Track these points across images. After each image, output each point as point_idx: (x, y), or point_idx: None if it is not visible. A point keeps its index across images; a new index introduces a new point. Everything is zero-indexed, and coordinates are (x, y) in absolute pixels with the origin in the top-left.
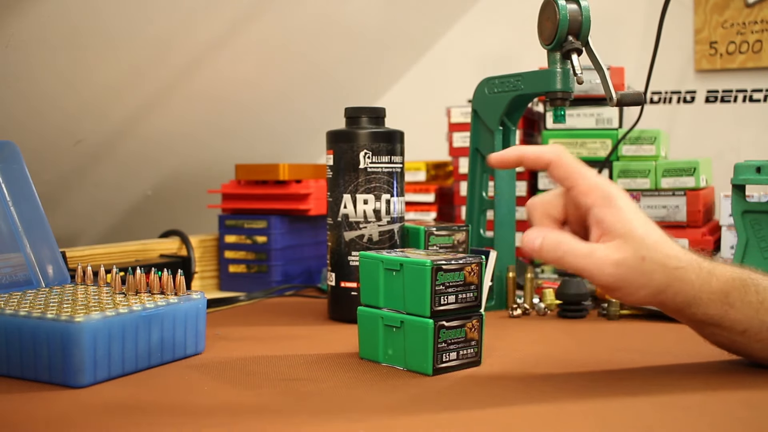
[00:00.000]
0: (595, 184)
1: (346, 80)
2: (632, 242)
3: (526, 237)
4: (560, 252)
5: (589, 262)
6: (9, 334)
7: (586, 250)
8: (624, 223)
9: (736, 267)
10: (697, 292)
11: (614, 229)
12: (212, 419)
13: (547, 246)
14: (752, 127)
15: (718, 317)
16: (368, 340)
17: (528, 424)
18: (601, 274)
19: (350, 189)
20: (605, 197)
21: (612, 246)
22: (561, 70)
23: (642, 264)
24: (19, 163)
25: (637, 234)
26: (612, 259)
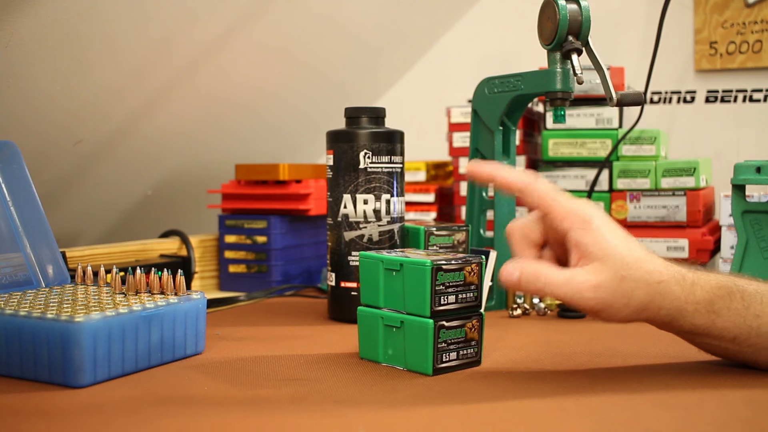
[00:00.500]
0: (570, 209)
1: (346, 80)
2: (610, 263)
3: (504, 271)
4: (540, 283)
5: (568, 290)
6: (9, 334)
7: (564, 278)
8: (601, 245)
9: (720, 275)
10: (682, 304)
11: (592, 252)
12: (212, 419)
13: (525, 278)
14: (752, 127)
15: (705, 327)
16: (368, 340)
17: (528, 423)
18: (581, 299)
19: (350, 189)
20: (582, 221)
21: (590, 269)
22: (561, 70)
23: (621, 284)
24: (19, 163)
25: (615, 254)
26: (590, 283)
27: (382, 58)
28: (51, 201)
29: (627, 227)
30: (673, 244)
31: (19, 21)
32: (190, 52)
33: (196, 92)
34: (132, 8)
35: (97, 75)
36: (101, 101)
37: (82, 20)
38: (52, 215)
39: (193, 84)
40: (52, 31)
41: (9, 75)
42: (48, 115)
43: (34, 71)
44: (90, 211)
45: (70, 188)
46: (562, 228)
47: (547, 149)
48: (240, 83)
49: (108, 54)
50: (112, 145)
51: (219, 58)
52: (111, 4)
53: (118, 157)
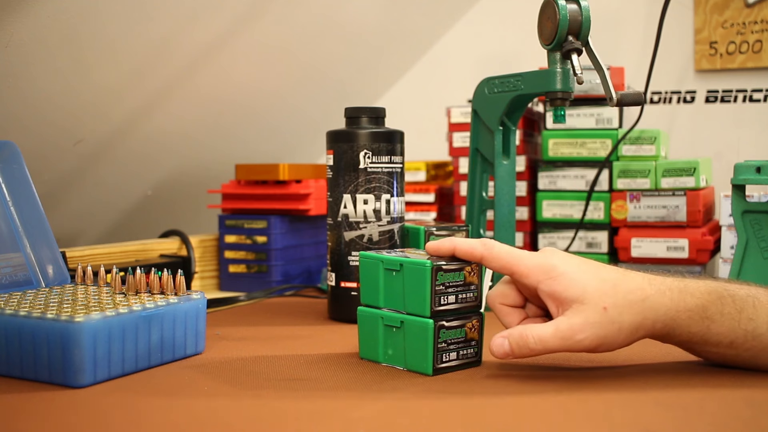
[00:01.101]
0: (531, 264)
1: (346, 80)
2: (588, 299)
3: (494, 345)
4: (530, 344)
5: (558, 339)
6: (9, 334)
7: (550, 329)
8: (572, 287)
9: (709, 280)
10: (674, 313)
11: (566, 297)
12: (212, 419)
13: (515, 344)
14: (752, 127)
15: (701, 334)
16: (368, 340)
17: (528, 423)
18: (574, 343)
19: (350, 189)
20: (545, 272)
21: (571, 313)
22: (561, 70)
23: (606, 314)
24: (19, 163)
25: (588, 290)
26: (576, 325)
27: (382, 58)
28: (51, 201)
29: (627, 227)
30: (673, 244)
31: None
32: (190, 52)
33: (196, 92)
34: (132, 8)
35: (97, 75)
36: (101, 101)
37: (82, 20)
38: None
39: (193, 84)
40: (52, 31)
41: (9, 75)
42: (48, 115)
43: (34, 71)
44: (90, 211)
45: (70, 188)
46: (530, 285)
47: (547, 149)
48: (240, 83)
49: (108, 54)
50: (112, 145)
51: (219, 58)
52: (111, 4)
53: (118, 157)
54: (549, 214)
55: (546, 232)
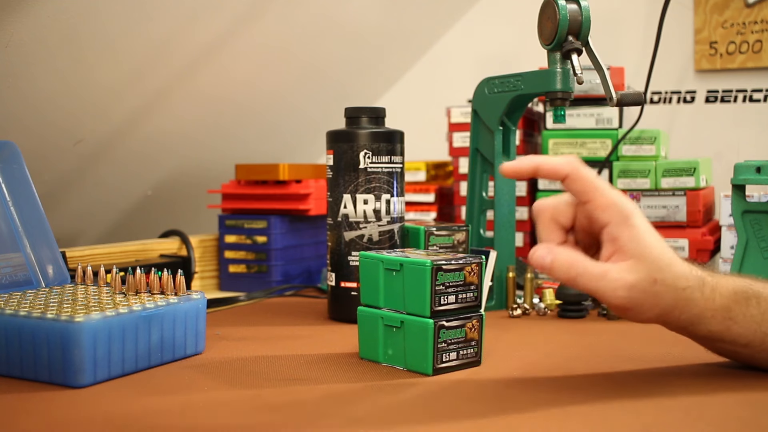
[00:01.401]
0: (612, 201)
1: (346, 80)
2: (646, 264)
3: (536, 253)
4: (573, 273)
5: (602, 285)
6: (9, 334)
7: (598, 271)
8: (639, 243)
9: (738, 279)
10: (702, 310)
11: (629, 249)
12: (212, 419)
13: (558, 265)
14: (752, 127)
15: (720, 333)
16: (368, 340)
17: (528, 424)
18: (613, 296)
19: (350, 189)
20: (622, 215)
21: (625, 267)
22: (561, 70)
23: (653, 286)
24: (19, 163)
25: (651, 255)
26: (625, 281)
27: (382, 58)
28: (51, 201)
29: None
30: (673, 244)
31: (19, 21)
32: (190, 52)
33: (196, 92)
34: (132, 8)
35: (98, 75)
36: (101, 101)
37: (82, 20)
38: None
39: (194, 84)
40: (52, 31)
41: (9, 75)
42: (48, 115)
43: (34, 71)
44: (90, 211)
45: (70, 188)
46: (600, 219)
47: (547, 149)
48: (240, 83)
49: (108, 54)
50: (112, 145)
51: (219, 58)
52: (111, 4)
53: (118, 157)
54: None
55: None
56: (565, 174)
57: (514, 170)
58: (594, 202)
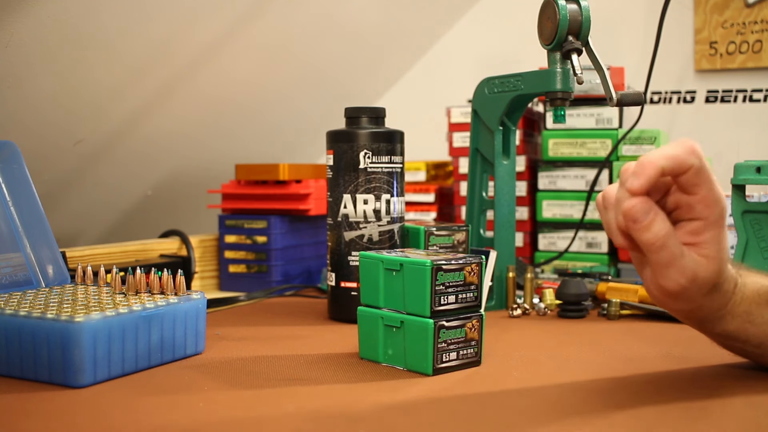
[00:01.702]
0: (717, 198)
1: (346, 80)
2: (716, 267)
3: (639, 204)
4: (660, 243)
5: (672, 265)
6: (9, 334)
7: (679, 251)
8: (720, 246)
9: (760, 277)
10: (725, 313)
11: (708, 248)
12: (212, 419)
13: (654, 228)
14: (752, 127)
15: (735, 332)
16: (368, 340)
17: (528, 424)
18: (674, 280)
19: (350, 189)
20: (719, 216)
21: (698, 260)
22: (561, 70)
23: (711, 289)
24: (19, 163)
25: (723, 261)
26: (694, 273)
27: (382, 58)
28: (51, 201)
29: None
30: None
31: (20, 21)
32: (190, 52)
33: (196, 92)
34: (132, 8)
35: (98, 75)
36: (101, 101)
37: (82, 20)
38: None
39: (194, 84)
40: (52, 31)
41: (9, 75)
42: (48, 115)
43: (35, 71)
44: (90, 211)
45: (70, 188)
46: (698, 212)
47: (547, 149)
48: (240, 83)
49: (108, 54)
50: (112, 145)
51: (219, 58)
52: (111, 4)
53: (118, 157)
54: (549, 214)
55: (546, 232)
56: (689, 166)
57: (644, 187)
58: (700, 195)
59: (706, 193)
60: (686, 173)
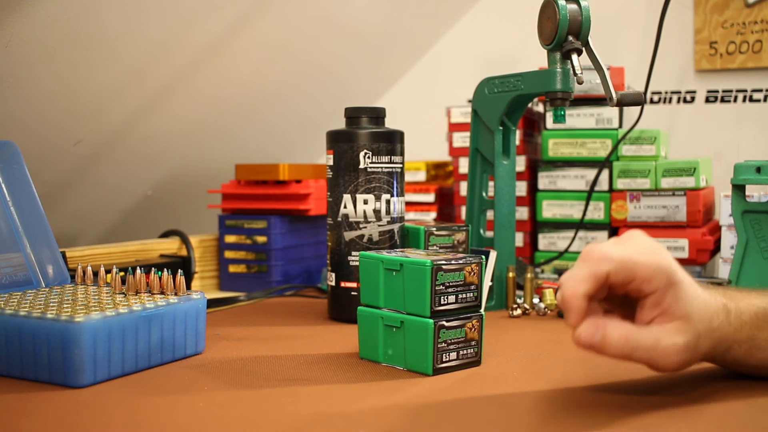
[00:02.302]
0: (654, 270)
1: (346, 80)
2: (692, 321)
3: (583, 332)
4: (628, 349)
5: (655, 354)
6: (9, 334)
7: (650, 341)
8: (685, 302)
9: (754, 297)
10: (731, 343)
11: (675, 310)
12: (212, 419)
13: (611, 342)
14: (752, 127)
15: (743, 359)
16: (368, 340)
17: (528, 424)
18: (666, 363)
19: (350, 189)
20: (667, 279)
21: (672, 329)
22: (561, 70)
23: (698, 341)
24: (19, 163)
25: (696, 311)
26: (677, 346)
27: (382, 58)
28: (51, 201)
29: (627, 227)
30: (673, 244)
31: (20, 21)
32: (190, 51)
33: (196, 92)
34: (132, 8)
35: (98, 75)
36: (101, 101)
37: (82, 20)
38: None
39: (194, 84)
40: (52, 31)
41: (9, 75)
42: (48, 115)
43: (35, 71)
44: (90, 211)
45: (70, 188)
46: (645, 291)
47: (547, 149)
48: (240, 83)
49: (108, 54)
50: (112, 145)
51: (219, 58)
52: (112, 4)
53: (118, 157)
54: (549, 214)
55: (546, 232)
56: (606, 274)
57: (579, 320)
58: (638, 280)
59: (642, 274)
60: (608, 279)
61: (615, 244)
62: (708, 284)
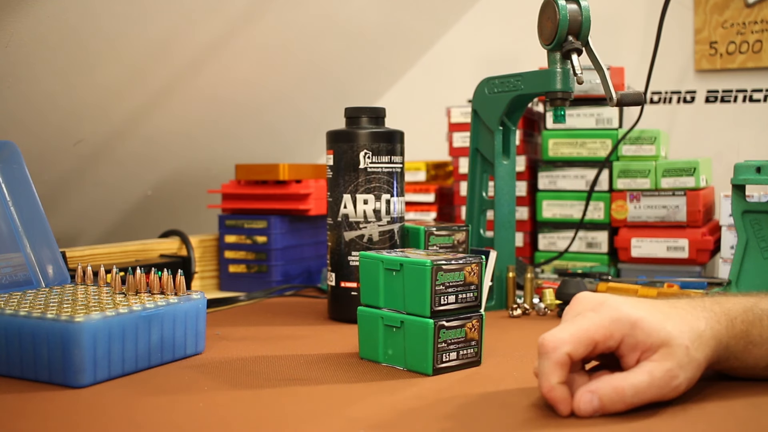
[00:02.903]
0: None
1: (346, 80)
2: (673, 342)
3: (581, 403)
4: (627, 398)
5: (655, 389)
6: (9, 334)
7: (645, 379)
8: (655, 331)
9: (740, 297)
10: (728, 341)
11: (652, 342)
12: (212, 419)
13: (607, 399)
14: (752, 127)
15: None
16: (368, 340)
17: (528, 424)
18: (670, 390)
19: (350, 189)
20: (629, 324)
21: (659, 358)
22: (561, 70)
23: (689, 353)
24: (19, 163)
25: (672, 332)
26: (672, 370)
27: (382, 58)
28: (51, 201)
29: (627, 227)
30: (673, 244)
31: (19, 21)
32: (190, 52)
33: (196, 92)
34: (132, 8)
35: (98, 75)
36: (101, 101)
37: (82, 20)
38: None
39: (194, 84)
40: (52, 31)
41: (9, 75)
42: (48, 115)
43: (35, 71)
44: (90, 211)
45: (70, 188)
46: (614, 344)
47: (547, 149)
48: (240, 83)
49: (108, 54)
50: (112, 145)
51: (219, 58)
52: (111, 4)
53: (118, 157)
54: (549, 214)
55: (546, 232)
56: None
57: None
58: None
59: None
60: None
61: (564, 323)
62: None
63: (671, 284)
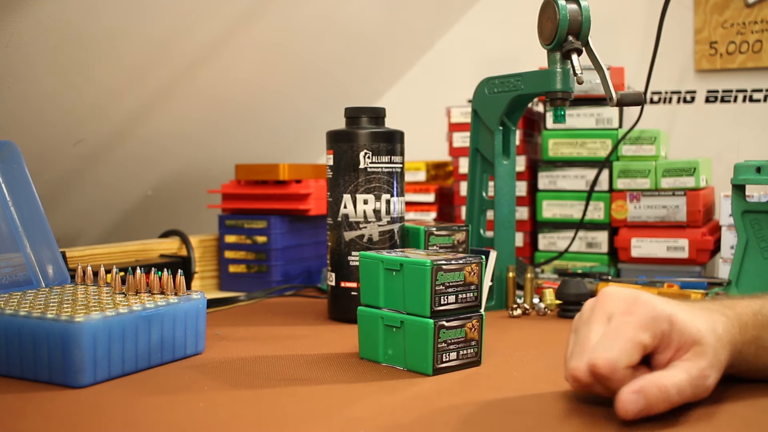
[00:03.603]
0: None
1: (346, 80)
2: (704, 340)
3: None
4: (672, 398)
5: (692, 388)
6: (9, 334)
7: (684, 377)
8: (690, 327)
9: (747, 300)
10: (741, 347)
11: (686, 341)
12: (212, 419)
13: (653, 398)
14: (752, 127)
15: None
16: (368, 340)
17: (528, 424)
18: (703, 390)
19: (350, 189)
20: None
21: (693, 356)
22: (561, 70)
23: (717, 354)
24: (19, 163)
25: (703, 327)
26: (705, 370)
27: (382, 58)
28: (51, 201)
29: (627, 227)
30: (673, 244)
31: (20, 21)
32: (190, 51)
33: (196, 92)
34: (132, 8)
35: (98, 75)
36: (101, 101)
37: (82, 20)
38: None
39: (194, 84)
40: (52, 31)
41: (9, 75)
42: (48, 115)
43: (35, 71)
44: (90, 211)
45: (70, 188)
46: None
47: (547, 149)
48: (240, 83)
49: (108, 54)
50: (112, 145)
51: (219, 58)
52: (111, 4)
53: (118, 157)
54: (549, 214)
55: (546, 232)
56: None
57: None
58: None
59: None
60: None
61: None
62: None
63: (671, 284)
